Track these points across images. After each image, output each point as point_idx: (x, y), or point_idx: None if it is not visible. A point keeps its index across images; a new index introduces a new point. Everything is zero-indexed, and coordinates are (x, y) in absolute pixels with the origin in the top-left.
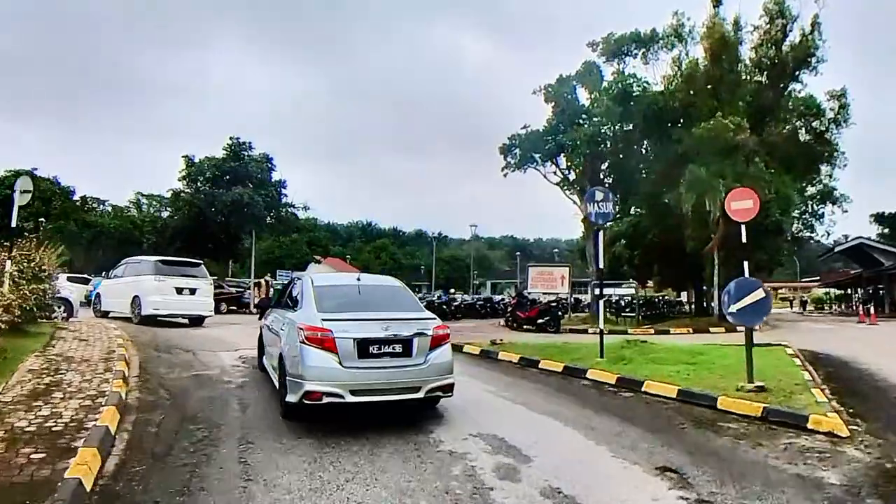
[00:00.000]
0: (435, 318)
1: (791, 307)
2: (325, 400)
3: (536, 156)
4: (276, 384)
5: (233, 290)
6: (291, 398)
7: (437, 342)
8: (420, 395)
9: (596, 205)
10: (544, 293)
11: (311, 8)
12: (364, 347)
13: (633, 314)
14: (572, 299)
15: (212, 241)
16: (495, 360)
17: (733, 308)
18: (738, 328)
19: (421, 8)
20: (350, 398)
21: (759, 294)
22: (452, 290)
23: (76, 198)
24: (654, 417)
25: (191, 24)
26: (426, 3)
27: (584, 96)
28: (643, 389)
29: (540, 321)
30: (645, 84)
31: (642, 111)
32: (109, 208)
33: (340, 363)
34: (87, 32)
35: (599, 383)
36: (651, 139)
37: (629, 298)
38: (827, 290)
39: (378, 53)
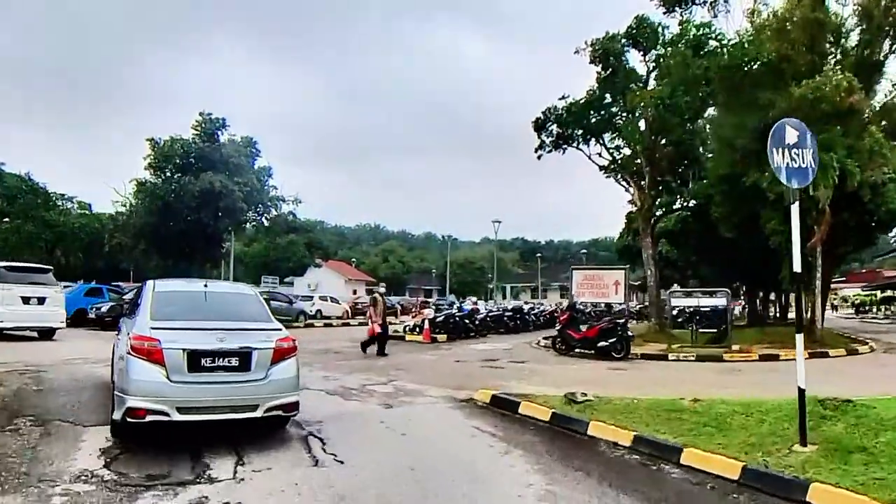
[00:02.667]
0: (280, 329)
1: (833, 310)
2: (149, 418)
3: (578, 132)
4: None
5: None
6: (116, 415)
7: (280, 356)
8: (258, 413)
9: (786, 153)
10: (593, 303)
11: (314, 11)
12: (195, 360)
13: (715, 330)
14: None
15: (186, 241)
16: (582, 439)
17: None
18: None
19: (424, 9)
20: (177, 416)
21: None
22: (474, 300)
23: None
24: None
25: (190, 29)
26: (430, 4)
27: (635, 58)
28: None
29: (602, 344)
30: (720, 36)
31: (720, 70)
32: (75, 205)
33: (168, 377)
34: (88, 39)
35: None
36: (727, 105)
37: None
38: (871, 292)
39: (378, 55)
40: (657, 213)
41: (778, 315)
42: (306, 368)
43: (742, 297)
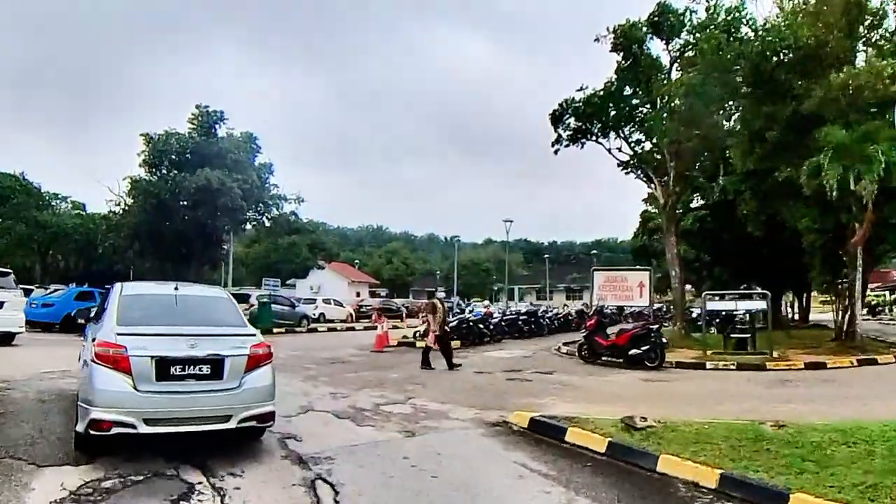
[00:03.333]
0: (255, 335)
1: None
2: (115, 430)
3: (597, 126)
4: None
5: None
6: (79, 427)
7: (255, 363)
8: (231, 424)
9: None
10: (615, 306)
11: (314, 13)
12: (164, 368)
13: (748, 335)
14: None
15: (183, 242)
16: (652, 477)
17: None
18: None
19: (426, 11)
20: (144, 429)
21: None
22: (486, 303)
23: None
24: None
25: (190, 29)
26: (432, 6)
27: (657, 47)
28: None
29: (634, 352)
30: (752, 20)
31: (752, 56)
32: (69, 205)
33: (135, 386)
34: (87, 39)
35: None
36: (758, 95)
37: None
38: (881, 293)
39: (380, 56)
40: (681, 210)
41: (798, 317)
42: (310, 384)
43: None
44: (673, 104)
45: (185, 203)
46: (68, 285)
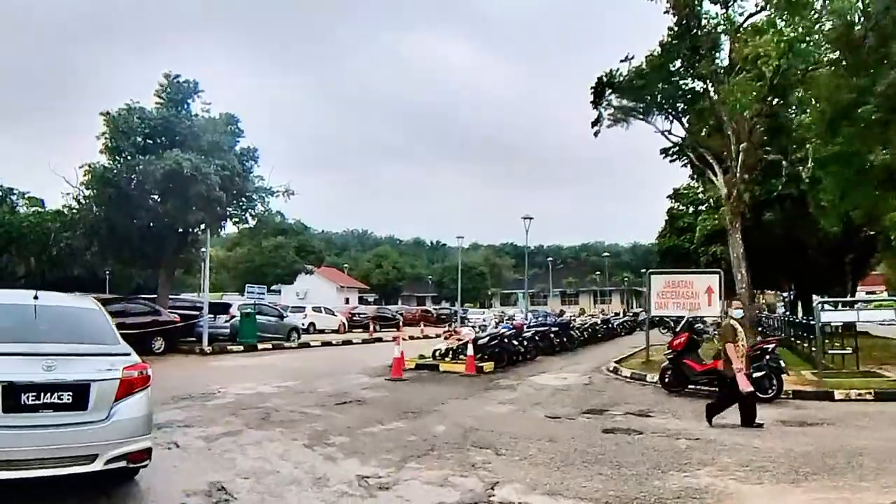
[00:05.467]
0: (129, 354)
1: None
2: None
3: (641, 103)
4: None
5: (172, 315)
6: None
7: (128, 389)
8: (97, 466)
9: None
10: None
11: (297, 18)
12: (14, 396)
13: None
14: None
15: (150, 241)
16: None
17: None
18: None
19: (410, 16)
20: None
21: None
22: (517, 312)
23: None
24: None
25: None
26: (416, 12)
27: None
28: None
29: None
30: None
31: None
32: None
33: None
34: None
35: None
36: (846, 65)
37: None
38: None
39: (361, 61)
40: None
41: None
42: (321, 452)
43: (783, 300)
44: (760, 68)
45: (153, 193)
46: None
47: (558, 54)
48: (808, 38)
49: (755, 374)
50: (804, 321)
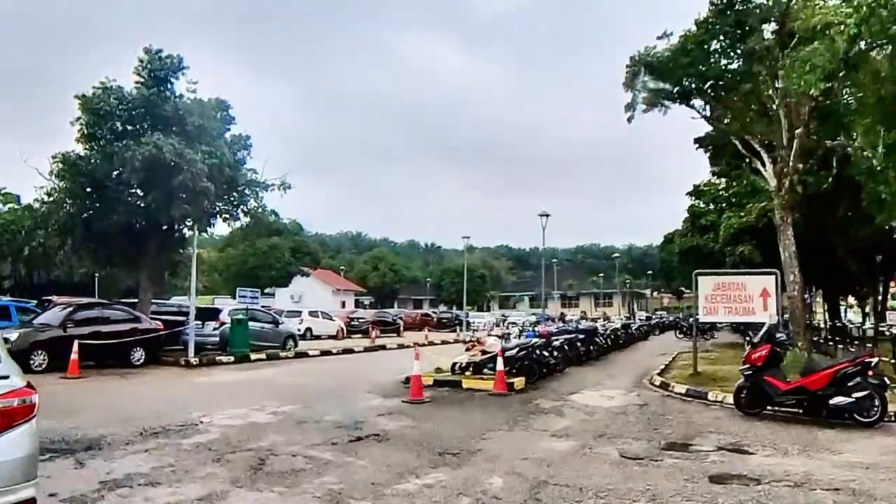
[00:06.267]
0: (8, 377)
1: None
2: None
3: (678, 87)
4: None
5: (155, 322)
6: None
7: (5, 422)
8: None
9: None
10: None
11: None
12: None
13: None
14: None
15: (131, 239)
16: None
17: None
18: None
19: (402, 19)
20: None
21: None
22: (551, 315)
23: None
24: None
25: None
26: (408, 15)
27: None
28: None
29: (840, 401)
30: None
31: None
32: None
33: None
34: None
35: None
36: None
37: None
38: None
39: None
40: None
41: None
42: None
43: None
44: (830, 39)
45: (131, 185)
46: None
47: (554, 56)
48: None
49: (855, 395)
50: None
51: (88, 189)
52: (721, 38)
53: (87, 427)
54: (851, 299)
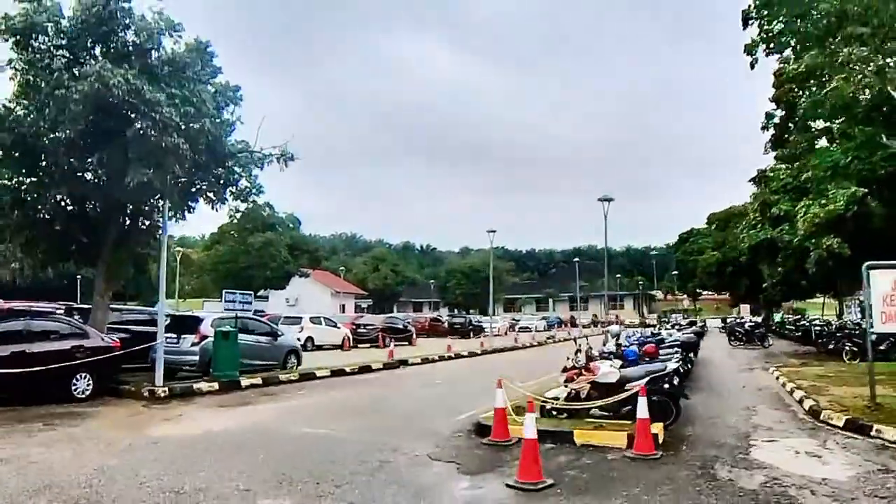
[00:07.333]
0: None
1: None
2: None
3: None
4: None
5: (109, 338)
6: None
7: None
8: None
9: None
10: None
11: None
12: None
13: None
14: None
15: (79, 224)
16: None
17: None
18: None
19: (398, 22)
20: None
21: None
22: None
23: None
24: None
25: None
26: (405, 17)
27: None
28: None
29: None
30: None
31: None
32: None
33: None
34: None
35: None
36: None
37: None
38: None
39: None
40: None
41: None
42: None
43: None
44: None
45: (74, 141)
46: None
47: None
48: None
49: None
50: None
51: (17, 154)
52: None
53: None
54: None
